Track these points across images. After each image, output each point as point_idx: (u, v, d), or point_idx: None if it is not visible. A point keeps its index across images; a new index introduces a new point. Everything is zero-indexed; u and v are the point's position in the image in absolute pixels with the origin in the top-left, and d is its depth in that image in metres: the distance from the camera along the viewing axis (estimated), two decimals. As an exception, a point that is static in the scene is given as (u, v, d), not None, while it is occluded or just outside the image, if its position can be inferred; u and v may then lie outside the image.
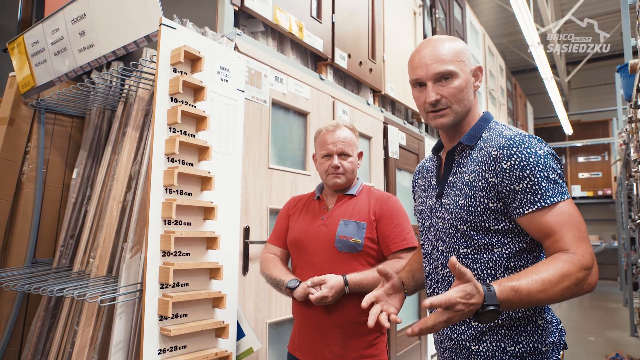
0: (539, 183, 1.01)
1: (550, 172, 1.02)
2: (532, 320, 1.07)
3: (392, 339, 3.28)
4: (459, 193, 1.13)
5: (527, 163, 1.02)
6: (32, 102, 2.30)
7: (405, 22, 4.02)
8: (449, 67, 1.11)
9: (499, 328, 1.08)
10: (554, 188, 1.01)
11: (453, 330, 1.15)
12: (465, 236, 1.11)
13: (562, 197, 1.01)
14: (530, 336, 1.07)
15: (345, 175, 1.69)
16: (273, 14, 2.32)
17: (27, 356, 2.03)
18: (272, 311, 2.18)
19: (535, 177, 1.01)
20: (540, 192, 1.01)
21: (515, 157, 1.03)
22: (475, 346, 1.10)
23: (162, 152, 1.54)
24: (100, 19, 1.80)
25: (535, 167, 1.02)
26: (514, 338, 1.07)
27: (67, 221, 2.21)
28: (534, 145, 1.04)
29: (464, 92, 1.14)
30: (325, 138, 1.70)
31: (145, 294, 1.45)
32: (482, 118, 1.20)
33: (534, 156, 1.02)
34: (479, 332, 1.10)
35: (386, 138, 3.44)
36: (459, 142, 1.18)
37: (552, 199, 1.00)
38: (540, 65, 6.75)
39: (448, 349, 1.18)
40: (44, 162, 2.36)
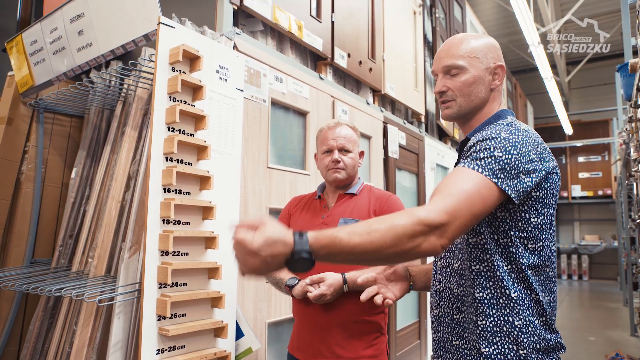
0: (479, 151, 1.02)
1: (498, 150, 1.00)
2: (508, 320, 1.04)
3: (392, 339, 3.28)
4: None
5: (483, 138, 1.04)
6: (31, 101, 2.29)
7: (405, 22, 4.02)
8: (458, 61, 1.15)
9: (475, 327, 1.06)
10: (489, 163, 0.99)
11: (440, 323, 1.16)
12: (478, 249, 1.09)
13: (491, 176, 0.97)
14: (505, 337, 1.03)
15: (345, 171, 1.69)
16: (272, 13, 2.31)
17: (25, 356, 2.02)
18: (272, 311, 2.18)
19: (481, 146, 1.02)
20: (475, 158, 1.01)
21: (479, 136, 1.07)
22: (456, 341, 1.11)
23: (160, 151, 1.54)
24: (98, 18, 1.79)
25: (488, 141, 1.03)
26: (488, 339, 1.04)
27: (66, 221, 2.20)
28: (503, 129, 1.05)
29: (472, 87, 1.16)
30: (326, 134, 1.72)
31: (143, 294, 1.45)
32: (494, 115, 1.18)
33: (494, 134, 1.04)
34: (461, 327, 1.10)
35: (386, 138, 3.43)
36: (466, 138, 1.19)
37: (477, 167, 0.99)
38: (540, 65, 6.75)
39: (435, 341, 1.19)
40: (42, 162, 2.36)
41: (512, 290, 1.04)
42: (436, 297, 1.19)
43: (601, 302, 8.56)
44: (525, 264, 1.05)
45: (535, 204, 1.05)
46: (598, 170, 11.80)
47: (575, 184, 11.93)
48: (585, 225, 12.52)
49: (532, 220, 1.06)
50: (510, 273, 1.05)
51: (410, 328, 3.68)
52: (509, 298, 1.04)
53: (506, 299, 1.04)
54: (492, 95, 1.19)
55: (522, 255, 1.06)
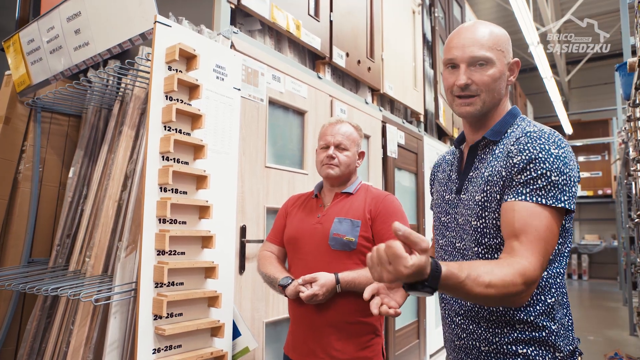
0: (537, 179, 0.97)
1: (554, 173, 0.97)
2: (546, 325, 1.03)
3: (391, 339, 3.27)
4: (477, 189, 1.09)
5: (535, 158, 0.98)
6: (28, 100, 2.29)
7: (404, 21, 4.01)
8: (487, 53, 1.06)
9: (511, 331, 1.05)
10: (550, 190, 0.96)
11: (463, 329, 1.14)
12: (478, 233, 1.08)
13: (555, 202, 0.96)
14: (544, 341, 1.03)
15: (339, 168, 1.66)
16: (270, 12, 2.31)
17: (22, 355, 2.02)
18: (269, 310, 2.18)
19: (536, 172, 0.97)
20: (533, 187, 0.97)
21: (527, 152, 0.99)
22: (485, 347, 1.08)
23: (156, 151, 1.53)
24: (95, 17, 1.79)
25: (542, 163, 0.97)
26: (526, 341, 1.04)
27: (64, 220, 2.20)
28: (551, 142, 0.99)
29: (497, 83, 1.08)
30: (326, 130, 1.73)
31: (139, 293, 1.45)
32: (509, 113, 1.15)
33: (544, 152, 0.98)
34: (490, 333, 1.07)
35: (384, 137, 3.43)
36: (483, 137, 1.14)
37: (541, 199, 0.96)
38: (540, 64, 6.74)
39: (458, 347, 1.16)
40: (40, 161, 2.35)
41: (548, 296, 1.05)
42: (455, 305, 1.16)
43: (601, 301, 8.55)
44: (559, 268, 1.07)
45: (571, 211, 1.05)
46: (598, 169, 11.79)
47: (575, 183, 11.91)
48: (585, 224, 12.51)
49: (567, 226, 1.07)
50: (548, 279, 1.05)
51: (409, 327, 3.68)
52: (546, 304, 1.04)
53: (543, 304, 1.04)
54: (506, 91, 1.15)
55: (559, 261, 1.07)
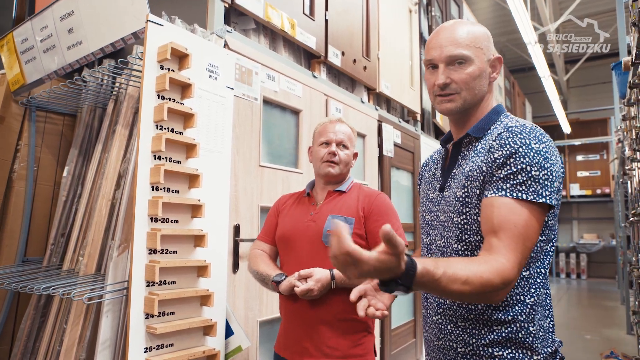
0: (516, 174, 0.96)
1: (535, 168, 0.96)
2: (524, 327, 1.02)
3: (387, 338, 3.28)
4: (458, 185, 1.09)
5: (515, 152, 0.98)
6: (23, 99, 2.29)
7: (400, 20, 4.01)
8: (465, 51, 1.07)
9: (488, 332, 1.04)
10: (530, 185, 0.95)
11: (440, 330, 1.13)
12: (459, 230, 1.08)
13: (535, 197, 0.95)
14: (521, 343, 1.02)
15: (339, 166, 1.69)
16: (264, 11, 2.31)
17: (16, 355, 2.02)
18: (263, 309, 2.18)
19: (516, 166, 0.96)
20: (513, 182, 0.96)
21: (507, 147, 0.99)
22: (461, 348, 1.07)
23: (148, 150, 1.53)
24: (88, 16, 1.79)
25: (522, 157, 0.97)
26: (502, 343, 1.02)
27: (58, 219, 2.20)
28: (532, 137, 0.99)
29: (477, 81, 1.09)
30: (327, 127, 1.74)
31: (130, 292, 1.45)
32: (493, 110, 1.14)
33: (524, 147, 0.98)
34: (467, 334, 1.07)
35: (380, 136, 3.43)
36: (466, 134, 1.14)
37: (522, 194, 0.95)
38: (538, 63, 6.74)
39: (436, 347, 1.15)
40: (35, 160, 2.35)
41: (527, 296, 1.03)
42: (434, 303, 1.15)
43: (599, 300, 8.56)
44: (540, 267, 1.05)
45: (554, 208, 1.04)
46: (597, 169, 11.79)
47: (574, 182, 11.93)
48: (584, 223, 12.52)
49: (550, 223, 1.05)
50: (528, 279, 1.04)
51: (406, 327, 3.68)
52: (525, 304, 1.03)
53: (522, 305, 1.03)
54: (489, 88, 1.15)
55: (542, 259, 1.05)
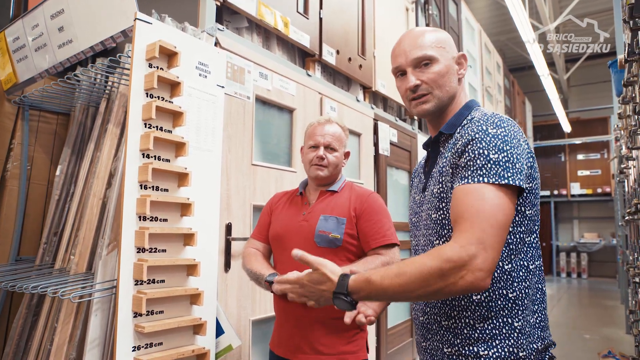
0: (475, 159, 0.97)
1: (492, 151, 0.96)
2: (507, 322, 1.01)
3: (383, 337, 3.27)
4: (434, 182, 1.11)
5: (472, 138, 0.99)
6: (16, 98, 2.29)
7: (397, 18, 4.00)
8: (428, 52, 1.11)
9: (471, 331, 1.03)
10: (491, 168, 0.95)
11: (428, 330, 1.12)
12: (438, 225, 1.08)
13: (498, 179, 0.94)
14: (506, 340, 1.00)
15: (328, 169, 1.69)
16: (257, 9, 2.30)
17: (8, 354, 2.02)
18: (256, 308, 2.17)
19: (474, 152, 0.98)
20: (473, 169, 0.97)
21: (467, 135, 1.02)
22: (447, 349, 1.06)
23: (136, 148, 1.53)
24: (78, 14, 1.78)
25: (478, 143, 0.98)
26: (487, 342, 1.01)
27: (51, 218, 2.20)
28: (489, 123, 1.01)
29: (445, 78, 1.12)
30: (315, 130, 1.73)
31: (119, 291, 1.44)
32: (464, 106, 1.16)
33: (481, 133, 0.99)
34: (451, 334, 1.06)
35: (376, 135, 3.42)
36: (440, 132, 1.15)
37: (481, 178, 0.95)
38: (537, 62, 6.72)
39: (424, 349, 1.15)
40: (28, 159, 2.36)
41: (509, 291, 1.02)
42: (421, 304, 1.15)
43: (599, 299, 8.54)
44: (524, 260, 1.04)
45: (529, 196, 1.03)
46: (597, 168, 11.75)
47: (575, 181, 11.89)
48: (585, 223, 12.49)
49: (527, 213, 1.04)
50: (511, 272, 1.02)
51: (402, 326, 3.68)
52: (507, 299, 1.01)
53: (504, 299, 1.01)
54: (458, 86, 1.17)
55: (525, 252, 1.04)
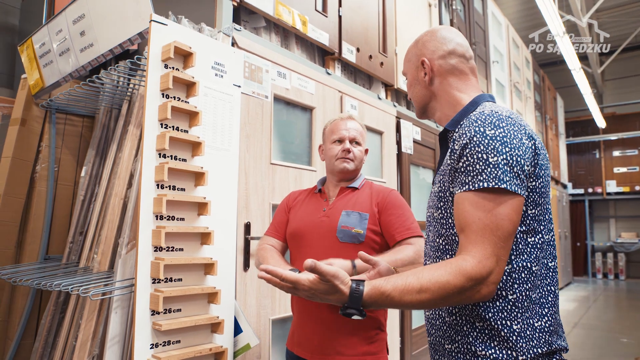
0: (474, 164, 0.95)
1: (491, 154, 0.94)
2: (505, 324, 0.97)
3: (407, 338, 3.22)
4: (436, 180, 1.12)
5: (469, 141, 0.97)
6: (43, 102, 2.36)
7: (419, 15, 3.94)
8: (404, 68, 1.30)
9: (471, 329, 1.01)
10: (490, 172, 0.93)
11: (432, 325, 1.12)
12: (439, 224, 1.08)
13: (497, 183, 0.93)
14: (504, 342, 0.97)
15: (354, 162, 1.70)
16: (274, 9, 2.30)
17: (37, 349, 2.09)
18: (276, 307, 2.17)
19: (472, 157, 0.96)
20: (473, 174, 0.95)
21: (463, 137, 1.00)
22: (448, 345, 1.05)
23: (153, 148, 1.55)
24: (97, 18, 1.82)
25: (476, 146, 0.96)
26: (486, 342, 0.98)
27: (76, 218, 2.26)
28: (487, 124, 0.98)
29: (411, 90, 1.26)
30: (338, 125, 1.74)
31: (136, 289, 1.46)
32: (470, 102, 1.13)
33: (478, 135, 0.97)
34: (453, 330, 1.04)
35: (399, 133, 3.38)
36: (444, 129, 1.15)
37: (482, 184, 0.94)
38: (567, 56, 6.50)
39: (429, 344, 1.15)
40: (55, 161, 2.43)
41: (509, 293, 0.98)
42: None
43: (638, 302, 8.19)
44: (526, 261, 0.99)
45: (532, 195, 0.99)
46: (635, 164, 11.27)
47: (610, 179, 11.44)
48: (622, 222, 12.00)
49: (530, 213, 1.00)
50: (511, 274, 0.99)
51: (427, 326, 3.61)
52: (506, 300, 0.98)
53: (503, 301, 0.98)
54: (435, 87, 1.18)
55: (526, 252, 1.00)
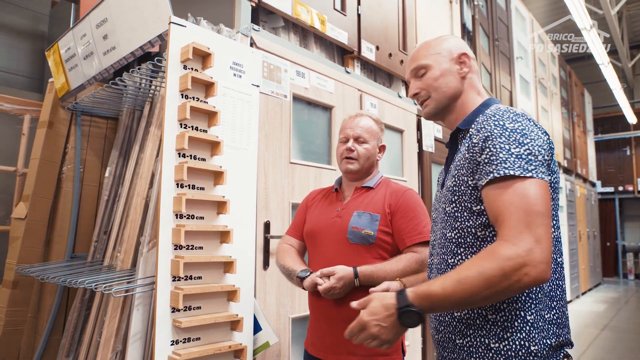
0: (497, 154, 0.96)
1: (514, 145, 0.96)
2: (519, 315, 0.99)
3: (429, 339, 3.19)
4: (450, 176, 1.12)
5: (491, 134, 0.99)
6: (69, 105, 2.43)
7: (440, 11, 3.89)
8: (421, 62, 1.21)
9: (484, 322, 1.02)
10: (515, 161, 0.94)
11: (440, 322, 1.11)
12: (452, 218, 1.08)
13: (524, 172, 0.93)
14: (517, 333, 0.99)
15: (358, 162, 1.65)
16: (293, 8, 2.31)
17: (64, 345, 2.15)
18: (296, 306, 2.18)
19: (495, 147, 0.97)
20: (496, 163, 0.96)
21: (483, 130, 1.02)
22: (459, 340, 1.06)
23: (172, 148, 1.57)
24: (119, 22, 1.86)
25: (498, 137, 0.98)
26: (499, 334, 1.00)
27: (101, 218, 2.32)
28: (505, 118, 1.01)
29: (440, 81, 1.19)
30: (345, 123, 1.72)
31: (157, 286, 1.49)
32: (482, 104, 1.17)
33: (499, 128, 0.99)
34: (464, 325, 1.05)
35: (420, 131, 3.34)
36: (457, 128, 1.17)
37: (507, 171, 0.94)
38: (595, 50, 6.32)
39: (437, 342, 1.14)
40: (81, 162, 2.49)
41: None
42: None
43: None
44: None
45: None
46: (668, 161, 10.88)
47: (642, 177, 11.07)
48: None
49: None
50: None
51: (450, 327, 3.57)
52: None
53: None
54: (465, 83, 1.20)
55: None
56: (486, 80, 4.61)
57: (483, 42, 4.63)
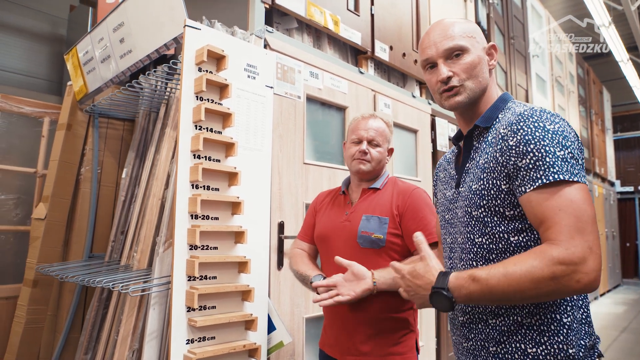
0: (543, 158, 0.92)
1: (558, 148, 0.92)
2: (555, 318, 0.97)
3: (444, 339, 3.17)
4: (473, 178, 1.07)
5: (532, 137, 0.94)
6: (87, 107, 2.48)
7: (454, 10, 3.87)
8: (459, 42, 1.08)
9: (518, 327, 1.00)
10: (562, 165, 0.91)
11: (470, 330, 1.08)
12: (480, 223, 1.04)
13: (571, 177, 0.91)
14: (554, 336, 0.97)
15: (371, 164, 1.65)
16: (306, 9, 2.32)
17: (82, 343, 2.19)
18: (310, 306, 2.19)
19: (539, 151, 0.93)
20: (544, 168, 0.92)
21: (521, 132, 0.96)
22: (493, 347, 1.03)
23: (188, 149, 1.59)
24: (135, 25, 1.89)
25: (541, 141, 0.93)
26: (535, 339, 0.97)
27: (118, 218, 2.36)
28: (544, 119, 0.96)
29: (477, 69, 1.08)
30: (358, 124, 1.70)
31: (172, 286, 1.51)
32: (500, 99, 1.13)
33: (540, 130, 0.94)
34: (497, 332, 1.02)
35: (434, 131, 3.33)
36: (475, 125, 1.12)
37: (556, 176, 0.90)
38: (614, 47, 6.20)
39: (466, 350, 1.11)
40: (98, 164, 2.54)
41: None
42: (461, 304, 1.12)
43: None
44: None
45: None
46: (691, 160, 10.63)
47: (664, 176, 10.82)
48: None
49: None
50: None
51: (465, 328, 3.54)
52: None
53: None
54: (490, 77, 1.14)
55: None
56: (501, 78, 4.56)
57: (498, 40, 4.58)
